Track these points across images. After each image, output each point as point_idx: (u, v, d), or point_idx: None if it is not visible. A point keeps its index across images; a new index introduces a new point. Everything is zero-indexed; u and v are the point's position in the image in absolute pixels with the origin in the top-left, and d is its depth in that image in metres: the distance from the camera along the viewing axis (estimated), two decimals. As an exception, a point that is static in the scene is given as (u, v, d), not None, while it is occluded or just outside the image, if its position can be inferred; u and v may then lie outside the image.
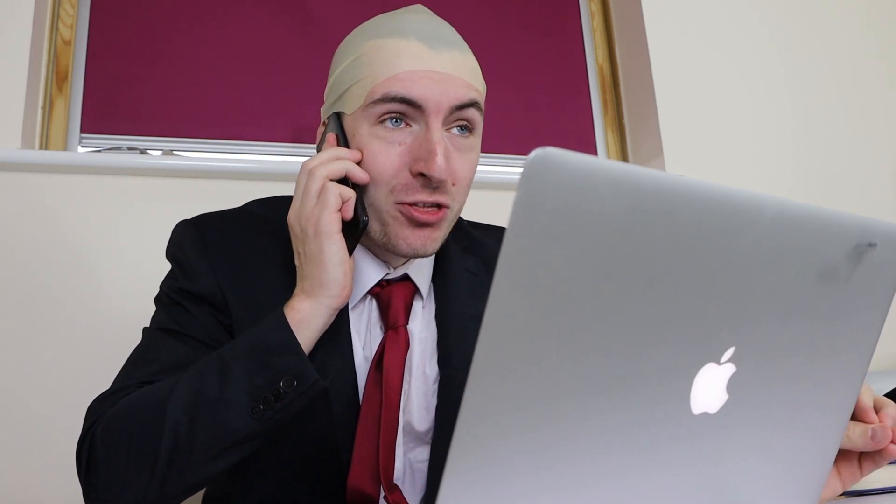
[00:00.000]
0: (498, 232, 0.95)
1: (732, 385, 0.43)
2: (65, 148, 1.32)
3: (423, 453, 0.77)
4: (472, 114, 0.73)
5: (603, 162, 0.33)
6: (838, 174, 1.76)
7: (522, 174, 0.31)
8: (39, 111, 1.30)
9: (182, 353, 0.71)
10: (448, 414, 0.76)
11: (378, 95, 0.70)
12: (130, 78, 1.37)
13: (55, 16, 1.35)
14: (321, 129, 0.80)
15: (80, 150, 1.33)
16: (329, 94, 0.78)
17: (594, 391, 0.38)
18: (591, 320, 0.36)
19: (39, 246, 1.20)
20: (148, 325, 0.77)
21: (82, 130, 1.34)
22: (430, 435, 0.77)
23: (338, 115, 0.75)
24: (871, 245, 0.44)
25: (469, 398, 0.34)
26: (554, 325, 0.35)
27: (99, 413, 0.68)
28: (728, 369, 0.43)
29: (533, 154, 0.31)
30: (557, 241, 0.33)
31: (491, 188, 1.46)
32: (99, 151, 1.32)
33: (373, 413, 0.72)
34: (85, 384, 1.14)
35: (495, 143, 1.60)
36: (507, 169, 1.58)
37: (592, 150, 1.70)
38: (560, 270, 0.34)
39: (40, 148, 1.30)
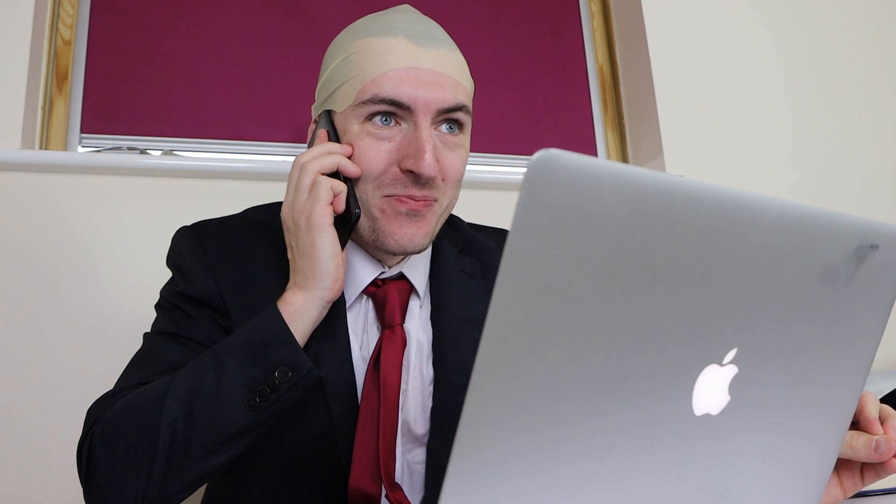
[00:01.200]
0: (500, 234, 0.95)
1: (735, 387, 0.43)
2: (65, 148, 1.32)
3: (420, 455, 0.77)
4: (460, 115, 0.74)
5: (605, 163, 0.33)
6: (838, 174, 1.76)
7: (525, 176, 0.31)
8: (39, 111, 1.30)
9: (181, 355, 0.72)
10: (443, 416, 0.76)
11: (367, 96, 0.71)
12: (130, 78, 1.37)
13: (55, 16, 1.35)
14: (312, 126, 0.81)
15: (80, 150, 1.33)
16: (320, 93, 0.79)
17: (596, 392, 0.38)
18: (594, 321, 0.36)
19: (39, 246, 1.20)
20: (149, 328, 0.78)
21: (82, 130, 1.33)
22: (426, 437, 0.77)
23: (328, 113, 0.76)
24: (874, 247, 0.44)
25: (471, 399, 0.34)
26: (556, 325, 0.35)
27: (98, 414, 0.68)
28: (730, 371, 0.43)
29: (536, 156, 0.31)
30: (560, 242, 0.33)
31: (491, 188, 1.46)
32: (99, 151, 1.32)
33: (371, 412, 0.73)
34: (86, 384, 1.15)
35: (495, 143, 1.60)
36: (507, 169, 1.57)
37: (592, 151, 1.70)
38: (562, 272, 0.34)
39: (40, 148, 1.30)
